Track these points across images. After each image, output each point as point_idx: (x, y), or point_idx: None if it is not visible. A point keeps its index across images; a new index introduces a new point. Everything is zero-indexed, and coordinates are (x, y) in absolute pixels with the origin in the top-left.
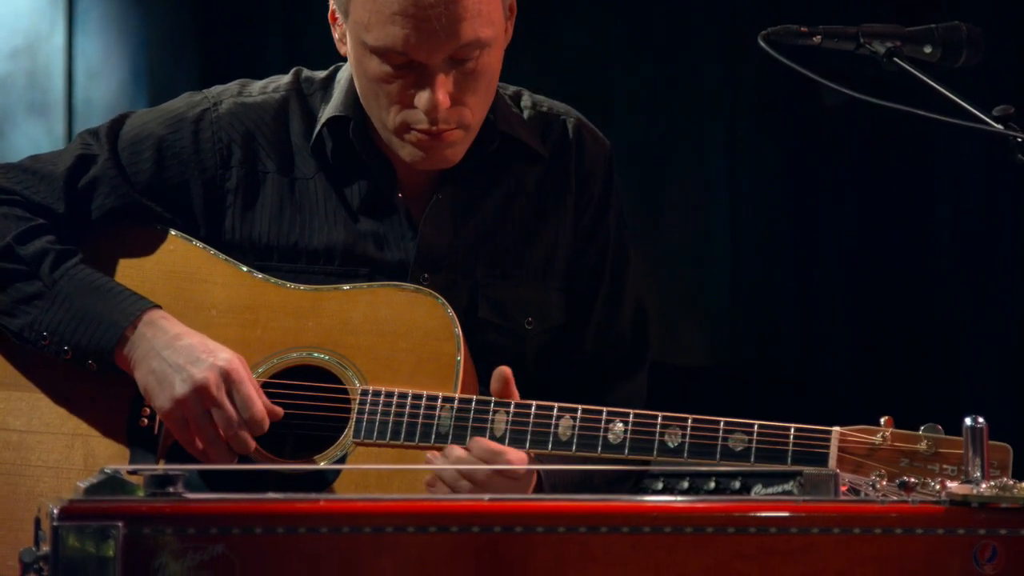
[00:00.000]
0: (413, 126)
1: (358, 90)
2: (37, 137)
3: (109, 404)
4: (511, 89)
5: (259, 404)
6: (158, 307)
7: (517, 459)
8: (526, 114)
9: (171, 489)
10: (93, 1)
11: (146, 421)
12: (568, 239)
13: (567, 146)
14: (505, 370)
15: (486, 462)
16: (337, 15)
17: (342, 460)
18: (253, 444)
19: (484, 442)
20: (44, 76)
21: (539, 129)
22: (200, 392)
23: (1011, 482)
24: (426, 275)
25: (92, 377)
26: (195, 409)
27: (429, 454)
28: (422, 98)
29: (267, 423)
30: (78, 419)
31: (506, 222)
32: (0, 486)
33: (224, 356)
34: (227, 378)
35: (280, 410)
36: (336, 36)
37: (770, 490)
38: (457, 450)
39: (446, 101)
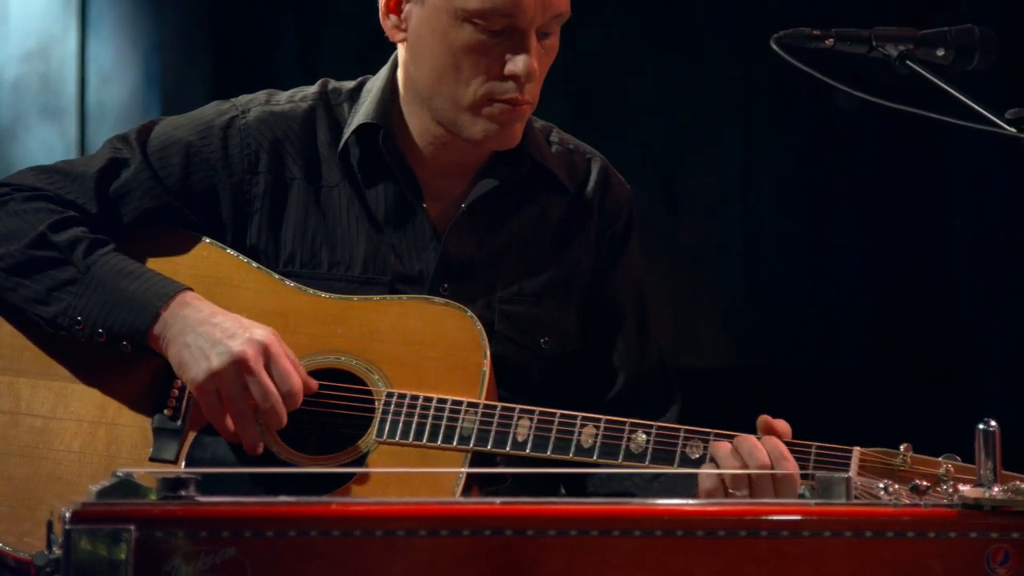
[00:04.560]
0: (497, 96)
1: (427, 71)
2: (50, 141)
3: (134, 394)
4: (540, 123)
5: (296, 377)
6: (190, 289)
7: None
8: (554, 149)
9: (183, 492)
10: (106, 5)
11: (170, 412)
12: (589, 268)
13: (592, 185)
14: (768, 420)
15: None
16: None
17: (364, 458)
18: (285, 418)
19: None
20: (57, 80)
21: (566, 165)
22: (239, 364)
23: None
24: (445, 285)
25: (118, 366)
26: (232, 382)
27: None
28: (518, 63)
29: (301, 398)
30: (103, 407)
31: (528, 244)
32: (22, 467)
33: (260, 332)
34: (266, 352)
35: (315, 383)
36: (390, 24)
37: None
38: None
39: (537, 68)
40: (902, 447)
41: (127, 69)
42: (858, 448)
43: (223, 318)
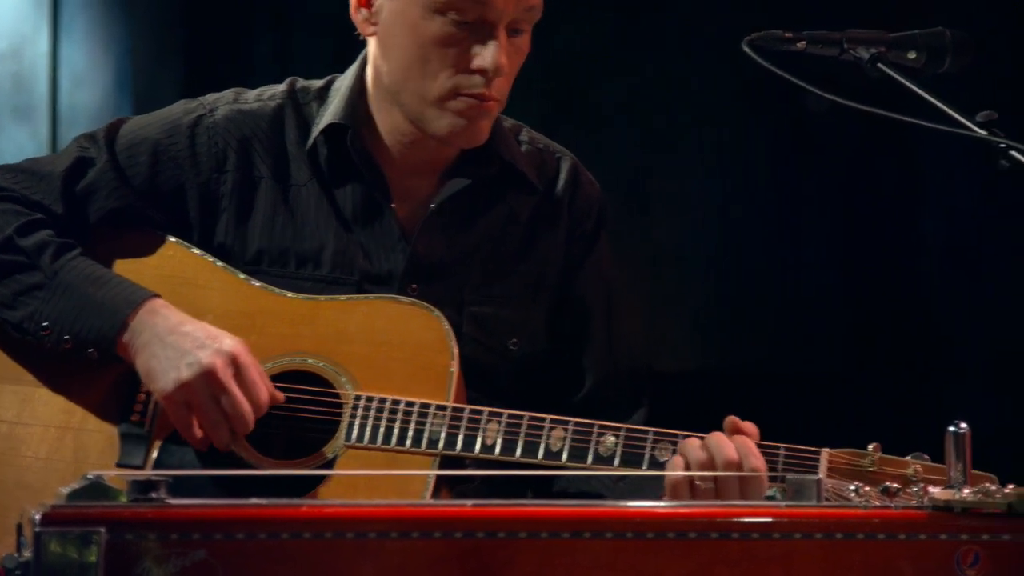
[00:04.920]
0: (463, 90)
1: (396, 64)
2: (21, 141)
3: (101, 399)
4: (509, 122)
5: (263, 389)
6: (158, 296)
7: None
8: (523, 148)
9: (154, 495)
10: (78, 6)
11: (137, 417)
12: (558, 267)
13: (562, 184)
14: (735, 421)
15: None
16: None
17: (332, 462)
18: (252, 426)
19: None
20: (29, 81)
21: (535, 164)
22: (208, 376)
23: (993, 487)
24: (414, 286)
25: (85, 372)
26: (202, 393)
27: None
28: (486, 56)
29: (266, 408)
30: (69, 413)
31: (497, 244)
32: None
33: (229, 342)
34: (234, 362)
35: (281, 395)
36: (361, 18)
37: None
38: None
39: (505, 63)
40: (870, 447)
41: (99, 71)
42: (827, 449)
43: (191, 327)
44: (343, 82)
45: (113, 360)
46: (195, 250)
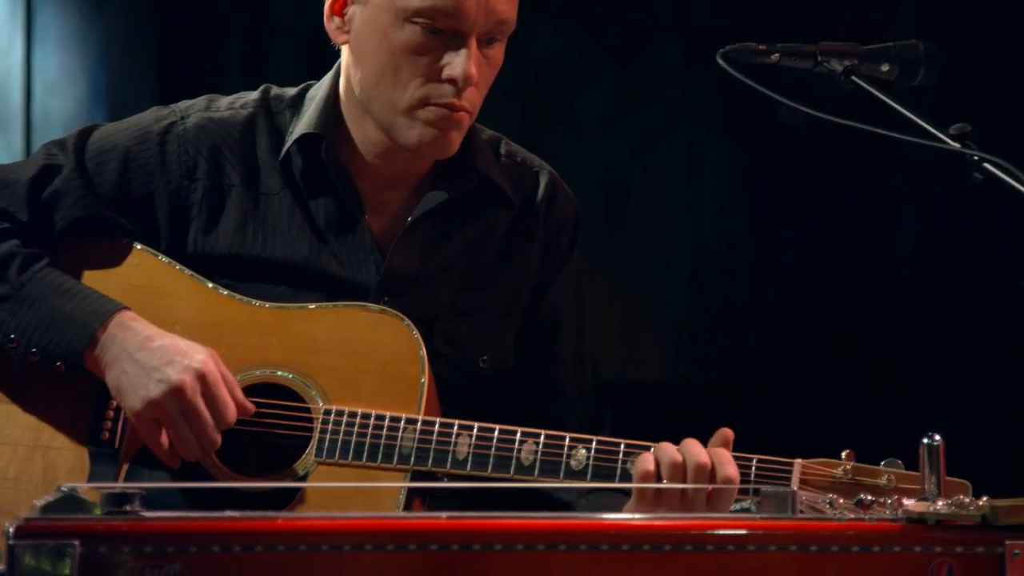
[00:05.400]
0: (434, 100)
1: (367, 73)
2: None
3: (70, 416)
4: (488, 133)
5: (231, 407)
6: (128, 309)
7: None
8: (502, 161)
9: (128, 507)
10: (52, 15)
11: (107, 435)
12: (531, 282)
13: (539, 198)
14: (727, 432)
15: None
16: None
17: (303, 479)
18: (220, 441)
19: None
20: (3, 90)
21: (513, 177)
22: (176, 394)
23: (967, 500)
24: (385, 299)
25: (53, 388)
26: (170, 411)
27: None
28: (456, 66)
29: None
30: (38, 431)
31: (473, 260)
32: None
33: (199, 357)
34: (203, 380)
35: (252, 406)
36: (334, 26)
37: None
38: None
39: (476, 73)
40: (843, 454)
41: (73, 80)
42: (799, 460)
43: (161, 341)
44: (318, 91)
45: (81, 373)
46: (163, 258)
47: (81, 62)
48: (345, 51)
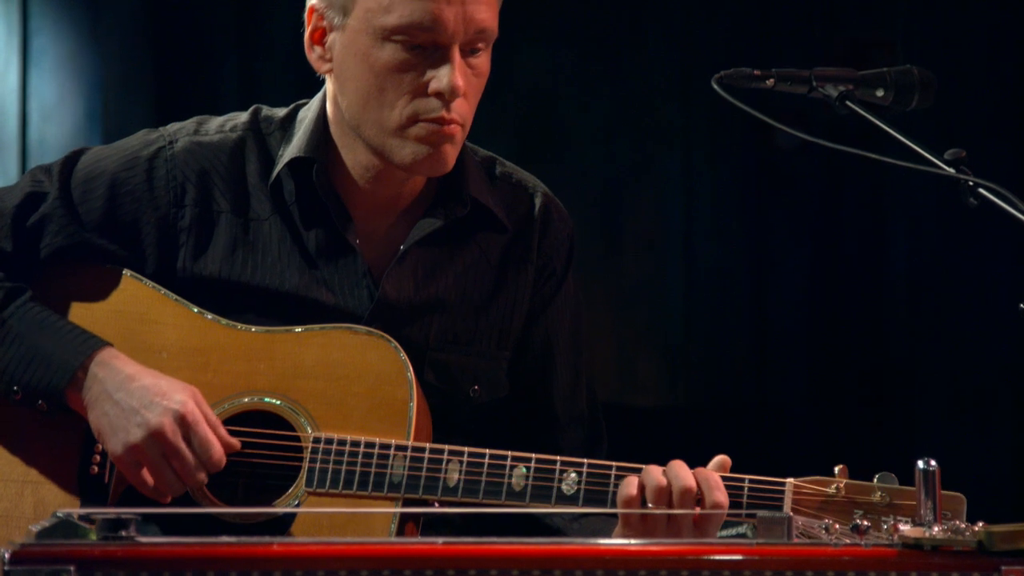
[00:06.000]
0: (423, 116)
1: (353, 98)
2: None
3: (59, 451)
4: (481, 154)
5: (217, 447)
6: (110, 345)
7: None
8: (496, 183)
9: (123, 533)
10: (48, 40)
11: (96, 469)
12: (524, 308)
13: (533, 221)
14: (725, 460)
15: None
16: (328, 23)
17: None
18: (206, 480)
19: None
20: None
21: (507, 201)
22: (156, 438)
23: (963, 525)
24: (378, 325)
25: (41, 423)
26: (151, 455)
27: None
28: (441, 79)
29: (224, 462)
30: (28, 466)
31: (466, 289)
32: None
33: (178, 398)
34: (182, 422)
35: (237, 443)
36: (315, 56)
37: (724, 533)
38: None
39: (462, 84)
40: (837, 469)
41: (69, 105)
42: (791, 479)
43: (140, 382)
44: (307, 113)
45: (64, 412)
46: (149, 284)
47: (77, 87)
48: (329, 79)
